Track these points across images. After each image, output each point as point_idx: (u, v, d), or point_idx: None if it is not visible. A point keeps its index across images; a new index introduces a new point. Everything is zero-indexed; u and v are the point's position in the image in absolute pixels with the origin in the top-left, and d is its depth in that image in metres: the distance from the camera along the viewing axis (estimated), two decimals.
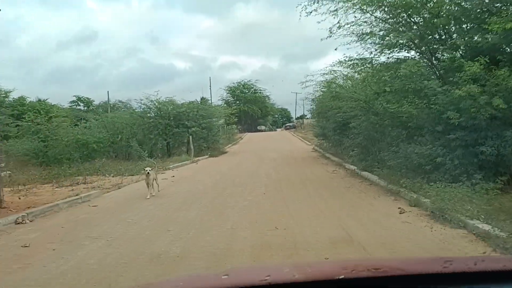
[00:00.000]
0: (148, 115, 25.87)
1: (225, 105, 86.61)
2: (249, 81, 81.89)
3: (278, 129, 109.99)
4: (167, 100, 26.52)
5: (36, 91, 77.57)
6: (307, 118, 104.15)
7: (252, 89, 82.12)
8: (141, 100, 26.50)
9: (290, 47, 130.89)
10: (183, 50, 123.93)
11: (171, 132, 25.52)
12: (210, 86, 65.03)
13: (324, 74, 18.92)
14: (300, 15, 11.42)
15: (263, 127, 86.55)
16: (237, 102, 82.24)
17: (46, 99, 47.41)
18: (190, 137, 24.62)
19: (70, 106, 61.00)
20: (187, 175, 16.40)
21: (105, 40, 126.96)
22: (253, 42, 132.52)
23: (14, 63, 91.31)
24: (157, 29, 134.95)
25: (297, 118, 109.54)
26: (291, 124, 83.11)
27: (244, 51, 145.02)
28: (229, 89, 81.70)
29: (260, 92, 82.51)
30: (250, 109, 78.58)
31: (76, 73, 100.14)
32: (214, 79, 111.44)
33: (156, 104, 26.03)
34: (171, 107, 26.50)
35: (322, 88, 20.72)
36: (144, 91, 30.73)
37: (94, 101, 70.60)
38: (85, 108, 74.03)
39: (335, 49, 12.65)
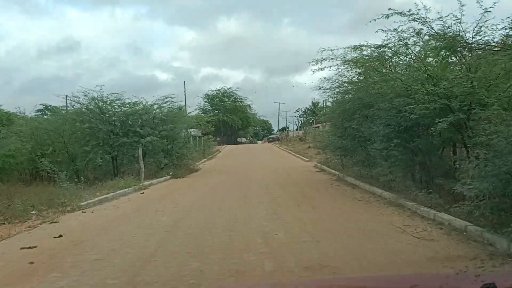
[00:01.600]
0: (84, 118, 17.86)
1: (202, 114, 79.70)
2: (229, 88, 74.50)
3: (259, 142, 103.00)
4: (113, 97, 18.61)
5: (13, 101, 71.34)
6: (292, 130, 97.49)
7: (232, 98, 74.62)
8: (76, 97, 18.56)
9: (272, 60, 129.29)
10: (165, 61, 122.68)
11: (117, 143, 17.67)
12: (184, 91, 57.07)
13: (355, 48, 11.58)
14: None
15: (243, 139, 78.82)
16: (216, 111, 74.57)
17: None
18: (140, 149, 16.75)
19: (35, 115, 55.20)
20: (96, 227, 8.08)
21: (87, 50, 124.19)
22: (236, 55, 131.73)
23: None
24: (140, 40, 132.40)
25: (279, 130, 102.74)
26: (274, 136, 75.83)
27: (226, 63, 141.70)
28: (207, 97, 74.07)
29: (241, 101, 75.06)
30: (230, 119, 70.91)
31: (56, 83, 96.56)
32: (197, 91, 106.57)
33: (97, 102, 18.11)
34: (118, 107, 18.69)
35: (348, 72, 13.36)
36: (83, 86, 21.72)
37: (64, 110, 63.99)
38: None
39: None
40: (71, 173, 17.22)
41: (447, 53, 9.06)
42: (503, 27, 7.45)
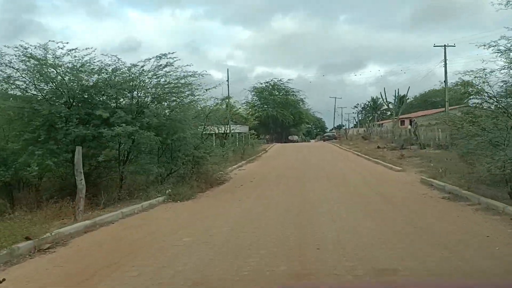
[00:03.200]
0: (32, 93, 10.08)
1: (249, 109, 71.97)
2: (280, 80, 65.82)
3: (312, 140, 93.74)
4: (79, 58, 10.52)
5: None
6: (348, 128, 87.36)
7: (283, 91, 66.02)
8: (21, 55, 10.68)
9: (327, 58, 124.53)
10: (220, 60, 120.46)
11: (70, 137, 9.75)
12: (227, 78, 49.21)
13: None
14: None
15: (295, 137, 70.11)
16: (265, 106, 66.48)
17: None
18: (78, 152, 8.34)
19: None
20: None
21: (147, 49, 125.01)
22: (290, 53, 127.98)
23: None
24: (197, 40, 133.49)
25: (335, 128, 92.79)
26: (330, 133, 66.26)
27: (280, 62, 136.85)
28: (255, 90, 66.00)
29: (293, 95, 66.26)
30: (280, 114, 62.39)
31: None
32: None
33: (49, 64, 10.15)
34: (87, 72, 10.64)
35: None
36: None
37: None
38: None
39: None
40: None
41: None
42: None
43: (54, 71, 9.64)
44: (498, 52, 8.95)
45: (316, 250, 5.22)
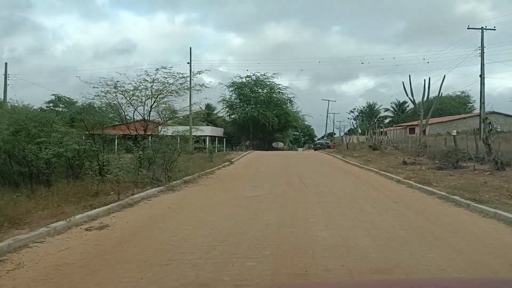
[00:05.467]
0: None
1: (227, 109, 59.55)
2: (264, 75, 53.57)
3: (299, 149, 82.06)
4: None
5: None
6: (343, 135, 75.48)
7: (267, 88, 53.85)
8: None
9: (319, 68, 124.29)
10: (213, 66, 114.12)
11: None
12: (190, 60, 36.85)
13: None
14: None
15: (280, 144, 57.98)
16: (244, 105, 54.27)
17: None
18: None
19: (46, 107, 42.27)
20: None
21: (140, 52, 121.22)
22: (282, 62, 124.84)
23: (51, 70, 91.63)
24: (190, 44, 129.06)
25: (328, 135, 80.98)
26: (323, 141, 54.10)
27: (272, 69, 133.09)
28: (233, 85, 53.65)
29: (279, 92, 54.11)
30: (262, 115, 50.16)
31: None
32: None
33: None
34: None
35: None
36: None
37: (77, 102, 54.84)
38: (64, 109, 61.62)
39: None
40: None
41: None
42: None
43: None
44: None
45: None
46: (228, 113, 56.94)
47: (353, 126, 75.19)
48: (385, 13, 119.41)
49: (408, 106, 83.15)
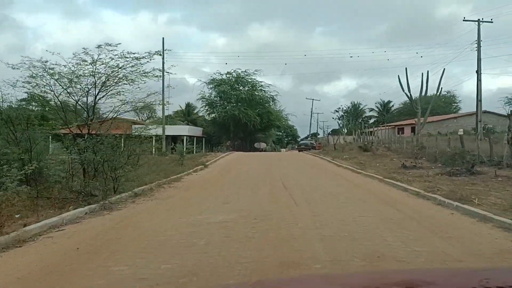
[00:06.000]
0: None
1: (206, 107, 56.04)
2: (245, 71, 50.43)
3: (282, 150, 79.33)
4: None
5: None
6: (327, 135, 72.83)
7: (249, 85, 50.72)
8: None
9: (302, 68, 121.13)
10: (197, 66, 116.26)
11: None
12: (162, 51, 33.59)
13: None
14: None
15: (263, 145, 55.03)
16: (225, 103, 51.04)
17: None
18: None
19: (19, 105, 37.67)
20: None
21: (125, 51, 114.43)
22: (266, 62, 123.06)
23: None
24: (173, 44, 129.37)
25: (312, 135, 78.54)
26: (307, 142, 51.27)
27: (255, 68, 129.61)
28: (213, 82, 50.31)
29: (261, 90, 51.09)
30: (243, 114, 47.05)
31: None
32: None
33: None
34: None
35: None
36: None
37: (51, 100, 50.92)
38: (39, 109, 57.38)
39: None
40: None
41: None
42: None
43: None
44: None
45: None
46: (207, 112, 53.70)
47: (339, 125, 72.86)
48: (367, 15, 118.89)
49: (393, 105, 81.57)
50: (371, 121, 75.40)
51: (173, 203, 8.55)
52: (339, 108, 77.98)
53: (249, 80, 50.32)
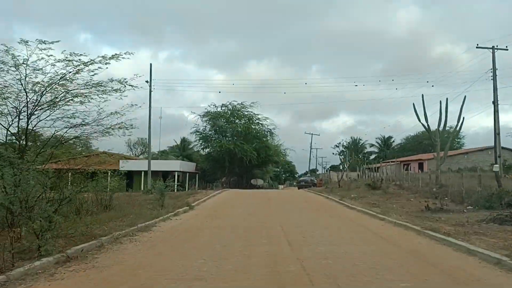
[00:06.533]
0: None
1: (201, 141, 53.01)
2: (241, 103, 47.93)
3: (280, 186, 75.97)
4: None
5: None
6: (327, 171, 69.46)
7: (245, 118, 48.05)
8: None
9: (300, 105, 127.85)
10: (195, 102, 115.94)
11: None
12: (150, 79, 31.03)
13: None
14: None
15: (260, 181, 51.78)
16: (220, 137, 48.21)
17: None
18: None
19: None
20: None
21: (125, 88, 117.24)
22: (263, 99, 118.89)
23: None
24: (173, 81, 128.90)
25: (310, 172, 75.41)
26: (307, 178, 48.02)
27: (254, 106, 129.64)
28: (208, 115, 47.65)
29: (258, 123, 48.36)
30: (239, 148, 44.10)
31: None
32: None
33: None
34: None
35: None
36: None
37: (42, 135, 50.49)
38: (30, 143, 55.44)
39: None
40: None
41: None
42: None
43: None
44: None
45: None
46: (202, 146, 50.74)
47: (340, 161, 69.89)
48: (364, 54, 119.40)
49: (393, 141, 79.03)
50: (372, 157, 72.51)
51: (114, 277, 5.34)
52: (339, 143, 75.19)
53: (245, 113, 47.76)
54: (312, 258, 6.34)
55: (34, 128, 7.84)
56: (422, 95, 22.83)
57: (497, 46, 27.17)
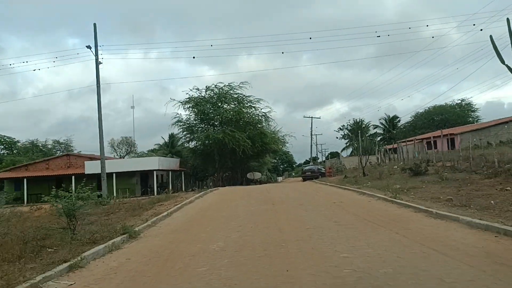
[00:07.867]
0: None
1: (185, 133, 44.81)
2: (229, 84, 39.96)
3: (279, 178, 68.56)
4: None
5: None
6: (325, 159, 61.90)
7: (234, 102, 40.05)
8: None
9: (292, 96, 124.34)
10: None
11: None
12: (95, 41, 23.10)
13: None
14: None
15: (257, 175, 44.09)
16: (207, 126, 40.38)
17: None
18: None
19: None
20: None
21: (114, 90, 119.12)
22: (256, 92, 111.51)
23: (23, 114, 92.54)
24: (165, 79, 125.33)
25: (312, 160, 67.90)
26: (313, 167, 40.22)
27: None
28: (190, 101, 39.59)
29: (250, 106, 40.37)
30: (230, 138, 36.17)
31: (81, 124, 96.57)
32: None
33: None
34: None
35: None
36: None
37: (19, 141, 56.06)
38: (5, 152, 55.22)
39: None
40: None
41: None
42: None
43: None
44: None
45: None
46: (187, 139, 42.89)
47: (346, 145, 62.30)
48: (354, 40, 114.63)
49: (399, 121, 71.51)
50: (378, 138, 65.19)
51: None
52: (343, 125, 67.57)
53: (235, 96, 39.85)
54: None
55: None
56: (491, 36, 14.38)
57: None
